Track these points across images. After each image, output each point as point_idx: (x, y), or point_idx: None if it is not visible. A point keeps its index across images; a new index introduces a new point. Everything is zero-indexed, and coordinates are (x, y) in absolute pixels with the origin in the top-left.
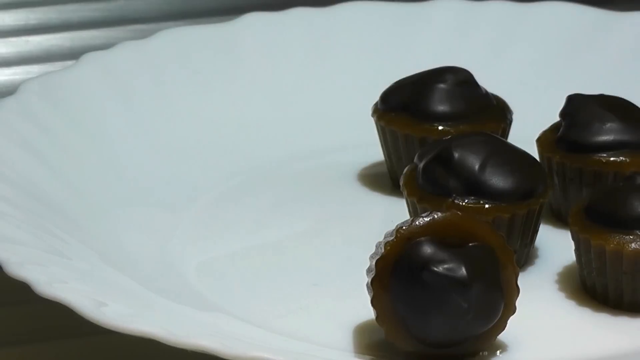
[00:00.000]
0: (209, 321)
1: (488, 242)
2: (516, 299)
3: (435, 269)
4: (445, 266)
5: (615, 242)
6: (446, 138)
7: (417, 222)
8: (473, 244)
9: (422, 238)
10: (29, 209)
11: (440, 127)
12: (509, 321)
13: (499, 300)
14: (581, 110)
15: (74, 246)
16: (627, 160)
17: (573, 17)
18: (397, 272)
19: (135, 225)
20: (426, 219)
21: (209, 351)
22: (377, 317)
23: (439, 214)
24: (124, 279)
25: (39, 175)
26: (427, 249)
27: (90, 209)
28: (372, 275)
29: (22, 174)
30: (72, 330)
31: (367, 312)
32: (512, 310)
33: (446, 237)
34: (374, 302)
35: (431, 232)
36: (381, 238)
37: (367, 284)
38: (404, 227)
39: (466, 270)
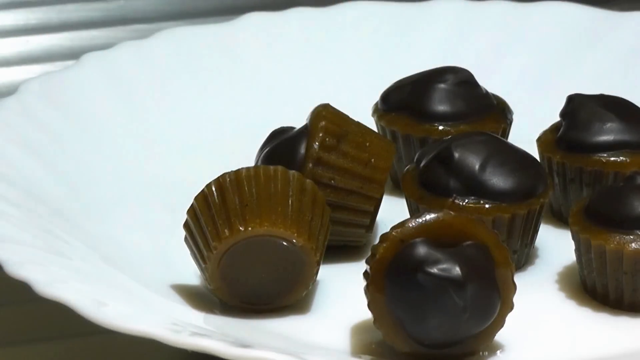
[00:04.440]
0: (209, 321)
1: (482, 240)
2: (513, 295)
3: (430, 269)
4: (440, 266)
5: (615, 242)
6: (446, 138)
7: (410, 224)
8: (467, 243)
9: (416, 239)
10: (29, 209)
11: (440, 127)
12: (509, 321)
13: (495, 298)
14: (581, 110)
15: (74, 246)
16: (627, 160)
17: (573, 17)
18: (392, 275)
19: (135, 225)
20: (419, 220)
21: (209, 351)
22: (374, 321)
23: (432, 214)
24: (124, 279)
25: (39, 175)
26: (421, 250)
27: (90, 209)
28: (368, 280)
29: (22, 174)
30: (72, 330)
31: (367, 312)
32: (509, 307)
33: (440, 237)
34: (370, 306)
35: (424, 232)
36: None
37: (363, 288)
38: (397, 230)
39: (461, 269)
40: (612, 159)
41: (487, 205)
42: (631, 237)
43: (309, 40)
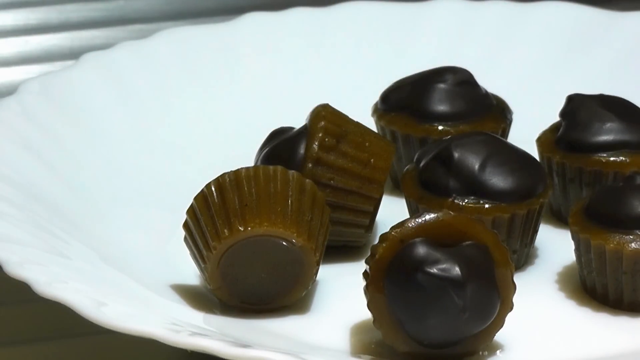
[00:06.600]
0: (208, 321)
1: (482, 240)
2: (513, 295)
3: (429, 269)
4: (439, 266)
5: (615, 242)
6: (446, 138)
7: (409, 224)
8: (466, 243)
9: (415, 239)
10: (29, 209)
11: (440, 127)
12: (508, 321)
13: (494, 298)
14: (581, 110)
15: (74, 246)
16: (627, 160)
17: (573, 17)
18: (391, 275)
19: (135, 225)
20: (418, 220)
21: (209, 351)
22: (374, 321)
23: (432, 214)
24: (124, 279)
25: (39, 175)
26: (421, 250)
27: (90, 209)
28: (367, 279)
29: (22, 174)
30: (72, 330)
31: (366, 312)
32: (509, 307)
33: (439, 237)
34: (370, 306)
35: (424, 232)
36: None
37: (363, 288)
38: (396, 230)
39: (460, 269)
40: (612, 159)
41: (486, 205)
42: (631, 237)
43: (309, 40)
